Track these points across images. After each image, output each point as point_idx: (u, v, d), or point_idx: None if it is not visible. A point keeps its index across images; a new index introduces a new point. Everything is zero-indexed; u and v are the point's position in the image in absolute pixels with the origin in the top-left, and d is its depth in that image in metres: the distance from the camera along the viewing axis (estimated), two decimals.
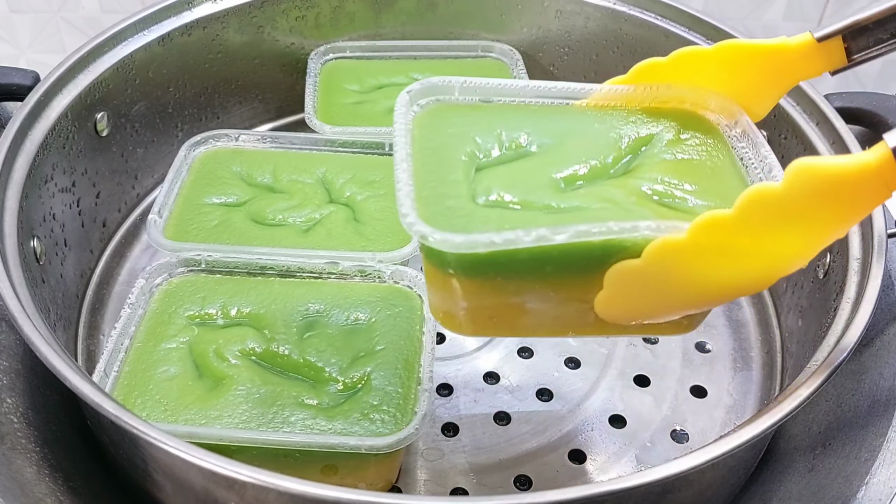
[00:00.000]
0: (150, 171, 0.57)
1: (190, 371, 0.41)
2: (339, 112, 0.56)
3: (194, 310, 0.43)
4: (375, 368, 0.40)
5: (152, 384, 0.40)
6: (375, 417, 0.39)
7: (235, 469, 0.31)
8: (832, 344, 0.38)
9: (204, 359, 0.41)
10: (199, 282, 0.44)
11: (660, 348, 0.49)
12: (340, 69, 0.60)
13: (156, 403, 0.39)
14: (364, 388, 0.40)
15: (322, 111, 0.56)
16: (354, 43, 0.61)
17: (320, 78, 0.59)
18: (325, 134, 0.53)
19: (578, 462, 0.44)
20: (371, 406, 0.39)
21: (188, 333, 0.42)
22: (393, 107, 0.54)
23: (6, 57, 0.88)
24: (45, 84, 0.48)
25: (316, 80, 0.58)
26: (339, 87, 0.58)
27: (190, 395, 0.39)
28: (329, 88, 0.58)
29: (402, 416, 0.39)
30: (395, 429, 0.38)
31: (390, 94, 0.57)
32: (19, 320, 0.37)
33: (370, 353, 0.41)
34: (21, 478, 0.39)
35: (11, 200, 0.43)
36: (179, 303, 0.43)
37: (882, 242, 0.42)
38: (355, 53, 0.61)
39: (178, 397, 0.39)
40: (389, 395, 0.39)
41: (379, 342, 0.42)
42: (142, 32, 0.54)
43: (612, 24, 0.59)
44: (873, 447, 0.40)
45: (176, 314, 0.43)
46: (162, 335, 0.42)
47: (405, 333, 0.42)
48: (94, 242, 0.52)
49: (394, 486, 0.42)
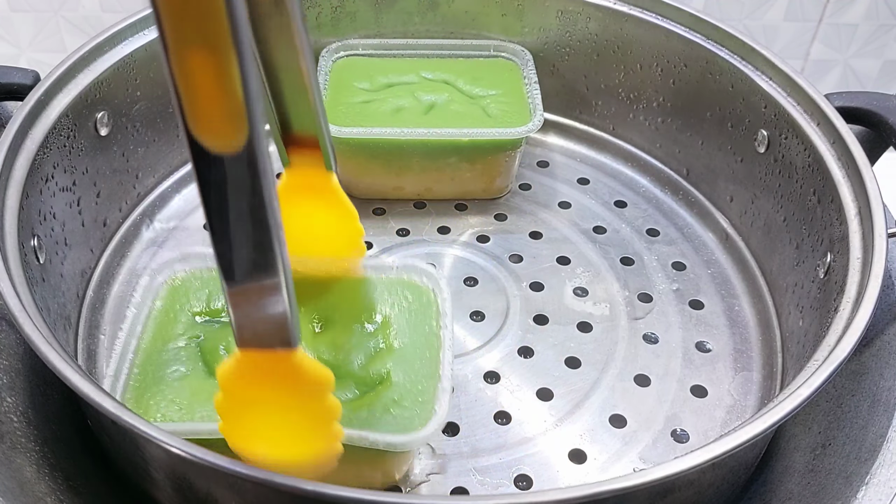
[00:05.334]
0: (151, 170, 0.57)
1: (200, 370, 0.40)
2: (345, 111, 0.56)
3: (199, 306, 0.43)
4: (394, 365, 0.40)
5: (164, 385, 0.39)
6: (396, 413, 0.38)
7: (236, 468, 0.31)
8: (832, 344, 0.38)
9: (213, 356, 0.41)
10: (204, 277, 0.44)
11: (660, 348, 0.49)
12: (351, 66, 0.60)
13: (169, 403, 0.39)
14: (383, 384, 0.39)
15: (329, 110, 0.56)
16: (366, 41, 0.61)
17: (331, 75, 0.59)
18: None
19: (578, 462, 0.44)
20: (392, 401, 0.39)
21: (196, 331, 0.42)
22: (400, 106, 0.54)
23: (6, 56, 0.88)
24: (46, 83, 0.48)
25: (326, 77, 0.58)
26: (349, 84, 0.58)
27: (203, 393, 0.39)
28: (339, 86, 0.58)
29: (423, 413, 0.38)
30: (416, 425, 0.38)
31: (399, 94, 0.58)
32: (19, 319, 0.37)
33: (388, 348, 0.41)
34: (21, 477, 0.39)
35: (12, 200, 0.43)
36: (184, 300, 0.43)
37: (882, 242, 0.42)
38: (367, 51, 0.61)
39: (191, 396, 0.39)
40: (409, 391, 0.39)
41: (395, 338, 0.42)
42: (142, 32, 0.54)
43: (612, 23, 0.60)
44: (873, 447, 0.40)
45: (182, 312, 0.43)
46: (169, 335, 0.42)
47: (422, 329, 0.42)
48: (95, 242, 0.52)
49: (393, 485, 0.42)
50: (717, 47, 0.55)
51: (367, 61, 0.61)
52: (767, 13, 0.88)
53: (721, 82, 0.55)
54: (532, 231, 0.57)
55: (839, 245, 0.44)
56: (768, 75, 0.52)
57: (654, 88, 0.60)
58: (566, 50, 0.62)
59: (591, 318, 0.51)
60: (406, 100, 0.57)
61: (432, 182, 0.57)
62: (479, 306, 0.51)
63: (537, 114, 0.55)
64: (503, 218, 0.57)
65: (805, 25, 0.88)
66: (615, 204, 0.59)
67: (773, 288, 0.52)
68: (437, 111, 0.57)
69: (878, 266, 0.41)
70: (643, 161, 0.62)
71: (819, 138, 0.48)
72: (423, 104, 0.57)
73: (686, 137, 0.59)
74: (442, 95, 0.58)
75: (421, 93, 0.58)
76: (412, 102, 0.57)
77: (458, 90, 0.58)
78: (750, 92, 0.53)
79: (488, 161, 0.56)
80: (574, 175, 0.62)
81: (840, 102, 0.51)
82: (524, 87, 0.58)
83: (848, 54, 0.92)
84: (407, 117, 0.56)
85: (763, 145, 0.53)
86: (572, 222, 0.57)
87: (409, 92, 0.58)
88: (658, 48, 0.58)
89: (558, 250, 0.55)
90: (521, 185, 0.60)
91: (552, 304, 0.51)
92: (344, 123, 0.54)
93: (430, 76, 0.59)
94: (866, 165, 0.45)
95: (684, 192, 0.60)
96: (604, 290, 0.52)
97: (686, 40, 0.56)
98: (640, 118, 0.61)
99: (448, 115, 0.56)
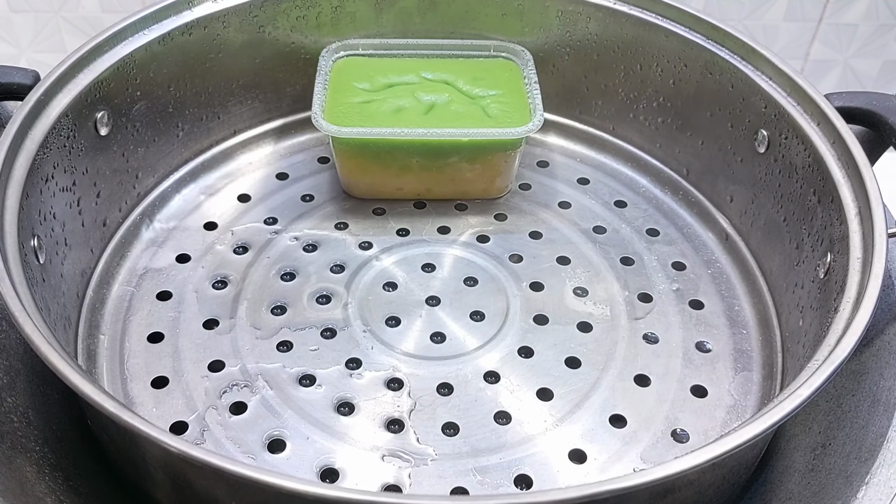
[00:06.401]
0: (151, 170, 0.57)
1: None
2: (345, 112, 0.56)
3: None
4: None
5: None
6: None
7: (236, 468, 0.31)
8: (832, 344, 0.38)
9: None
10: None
11: (660, 348, 0.49)
12: (351, 66, 0.60)
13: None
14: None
15: (329, 110, 0.56)
16: (366, 41, 0.61)
17: (331, 75, 0.59)
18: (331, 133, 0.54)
19: (578, 462, 0.44)
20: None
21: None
22: (401, 106, 0.55)
23: (6, 56, 0.89)
24: (46, 83, 0.48)
25: (326, 77, 0.58)
26: (349, 84, 0.58)
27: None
28: (338, 86, 0.58)
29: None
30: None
31: (399, 94, 0.58)
32: (19, 319, 0.37)
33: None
34: (21, 477, 0.39)
35: (12, 200, 0.43)
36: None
37: (882, 241, 0.42)
38: (367, 51, 0.61)
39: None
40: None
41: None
42: (142, 32, 0.54)
43: (612, 23, 0.60)
44: (873, 447, 0.40)
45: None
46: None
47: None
48: (95, 242, 0.52)
49: (392, 485, 0.42)
50: (717, 47, 0.55)
51: (367, 61, 0.61)
52: (767, 13, 0.88)
53: (721, 82, 0.55)
54: (532, 231, 0.57)
55: (839, 245, 0.44)
56: (768, 75, 0.52)
57: (654, 88, 0.60)
58: (566, 50, 0.62)
59: (591, 318, 0.51)
60: (406, 100, 0.57)
61: (432, 182, 0.57)
62: (479, 306, 0.51)
63: (537, 114, 0.55)
64: (503, 218, 0.58)
65: (805, 25, 0.89)
66: (615, 204, 0.59)
67: (773, 288, 0.52)
68: (438, 111, 0.57)
69: (878, 266, 0.41)
70: (643, 161, 0.62)
71: (819, 138, 0.48)
72: (424, 104, 0.57)
73: (686, 137, 0.59)
74: (442, 95, 0.58)
75: (421, 93, 0.58)
76: (412, 102, 0.57)
77: (458, 90, 0.58)
78: (750, 92, 0.53)
79: (488, 161, 0.56)
80: (574, 175, 0.62)
81: (840, 102, 0.51)
82: (524, 87, 0.58)
83: (848, 54, 0.92)
84: (407, 117, 0.56)
85: (763, 145, 0.53)
86: (572, 222, 0.57)
87: (409, 92, 0.58)
88: (658, 48, 0.58)
89: (558, 250, 0.55)
90: (521, 185, 0.60)
91: (552, 304, 0.51)
92: (344, 123, 0.54)
93: (430, 76, 0.59)
94: (866, 165, 0.45)
95: (684, 192, 0.60)
96: (604, 290, 0.53)
97: (686, 40, 0.56)
98: (640, 118, 0.62)
99: (448, 115, 0.56)
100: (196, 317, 0.50)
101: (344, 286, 0.52)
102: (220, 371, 0.47)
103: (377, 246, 0.55)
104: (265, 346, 0.48)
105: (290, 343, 0.49)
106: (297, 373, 0.47)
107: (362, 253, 0.54)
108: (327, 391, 0.46)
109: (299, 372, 0.47)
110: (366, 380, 0.47)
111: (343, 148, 0.55)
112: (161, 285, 0.52)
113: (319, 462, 0.43)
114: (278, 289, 0.52)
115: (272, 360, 0.48)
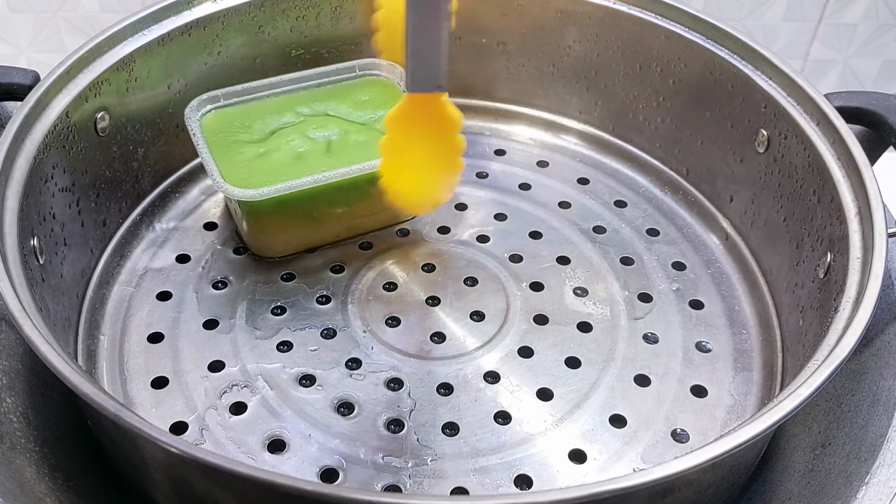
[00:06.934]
0: (151, 170, 0.57)
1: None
2: (246, 171, 0.51)
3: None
4: None
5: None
6: None
7: (236, 468, 0.31)
8: (832, 343, 0.38)
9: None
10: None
11: (660, 348, 0.49)
12: (221, 120, 0.54)
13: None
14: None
15: (227, 173, 0.50)
16: (227, 89, 0.56)
17: (205, 136, 0.52)
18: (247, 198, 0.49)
19: (578, 462, 0.44)
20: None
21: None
22: (299, 152, 0.53)
23: (6, 56, 0.89)
24: (45, 83, 0.48)
25: (201, 138, 0.52)
26: (231, 140, 0.53)
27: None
28: (221, 146, 0.52)
29: None
30: None
31: (288, 138, 0.53)
32: (19, 320, 0.37)
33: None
34: (21, 477, 0.39)
35: (11, 200, 0.43)
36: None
37: (882, 241, 0.42)
38: (230, 101, 0.55)
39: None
40: None
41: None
42: (142, 32, 0.54)
43: (612, 23, 0.60)
44: (873, 447, 0.40)
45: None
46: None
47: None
48: (95, 242, 0.52)
49: (392, 485, 0.42)
50: (717, 47, 0.55)
51: (236, 110, 0.55)
52: (767, 13, 0.88)
53: (721, 82, 0.55)
54: (532, 231, 0.57)
55: (839, 245, 0.44)
56: (768, 75, 0.52)
57: (654, 88, 0.60)
58: (566, 50, 0.62)
59: (591, 318, 0.51)
60: (299, 142, 0.53)
61: (357, 219, 0.54)
62: (479, 306, 0.51)
63: None
64: (503, 218, 0.58)
65: (805, 25, 0.89)
66: (615, 204, 0.59)
67: (773, 288, 0.52)
68: (338, 147, 0.53)
69: (878, 266, 0.41)
70: (643, 161, 0.62)
71: (819, 138, 0.48)
72: (320, 143, 0.53)
73: (686, 137, 0.59)
74: (333, 130, 0.54)
75: (309, 131, 0.54)
76: (309, 144, 0.53)
77: (344, 120, 0.55)
78: (750, 92, 0.53)
79: None
80: (574, 175, 0.62)
81: (840, 102, 0.51)
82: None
83: (847, 54, 0.92)
84: (312, 162, 0.51)
85: (763, 145, 0.53)
86: (572, 222, 0.57)
87: (297, 133, 0.54)
88: (658, 48, 0.58)
89: (558, 250, 0.55)
90: (520, 185, 0.60)
91: (552, 304, 0.51)
92: (250, 185, 0.49)
93: (307, 111, 0.55)
94: (866, 165, 0.45)
95: (684, 192, 0.60)
96: (604, 290, 0.53)
97: (686, 40, 0.56)
98: (640, 118, 0.62)
99: (351, 147, 0.53)
100: (196, 317, 0.50)
101: (344, 286, 0.52)
102: (220, 371, 0.47)
103: (376, 246, 0.55)
104: (265, 347, 0.48)
105: (289, 343, 0.49)
106: (297, 373, 0.47)
107: (362, 253, 0.54)
108: (327, 391, 0.46)
109: (299, 372, 0.47)
110: (366, 380, 0.47)
111: (255, 209, 0.50)
112: (161, 285, 0.52)
113: (319, 462, 0.43)
114: (278, 289, 0.52)
115: (272, 360, 0.48)
